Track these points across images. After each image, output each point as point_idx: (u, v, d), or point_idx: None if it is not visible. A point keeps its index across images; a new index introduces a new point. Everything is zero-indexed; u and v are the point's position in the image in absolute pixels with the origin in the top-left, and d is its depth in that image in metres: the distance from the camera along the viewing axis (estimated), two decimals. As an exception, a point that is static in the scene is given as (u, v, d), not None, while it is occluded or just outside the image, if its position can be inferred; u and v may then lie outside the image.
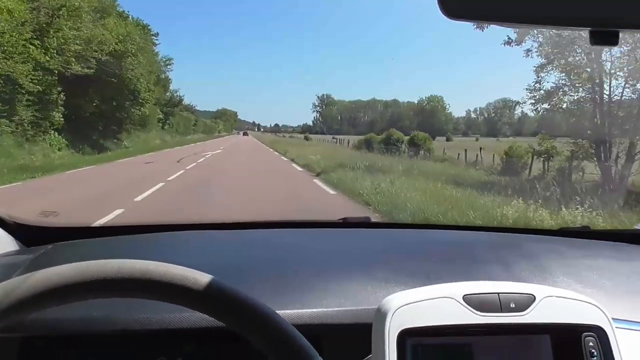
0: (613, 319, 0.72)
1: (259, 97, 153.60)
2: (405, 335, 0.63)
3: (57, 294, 0.53)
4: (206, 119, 77.76)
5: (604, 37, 0.50)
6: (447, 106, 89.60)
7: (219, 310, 0.56)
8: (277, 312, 0.68)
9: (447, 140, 58.70)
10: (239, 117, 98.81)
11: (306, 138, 55.66)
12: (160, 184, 10.44)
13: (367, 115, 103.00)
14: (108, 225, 1.62)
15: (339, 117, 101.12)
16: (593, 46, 0.51)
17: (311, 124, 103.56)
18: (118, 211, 7.18)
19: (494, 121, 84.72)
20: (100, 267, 0.54)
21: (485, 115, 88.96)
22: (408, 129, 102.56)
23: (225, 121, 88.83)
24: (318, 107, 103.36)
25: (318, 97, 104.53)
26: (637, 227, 1.50)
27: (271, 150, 29.18)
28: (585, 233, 1.48)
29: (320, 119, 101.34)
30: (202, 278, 0.56)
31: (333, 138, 57.02)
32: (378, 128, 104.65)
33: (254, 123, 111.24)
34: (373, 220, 1.71)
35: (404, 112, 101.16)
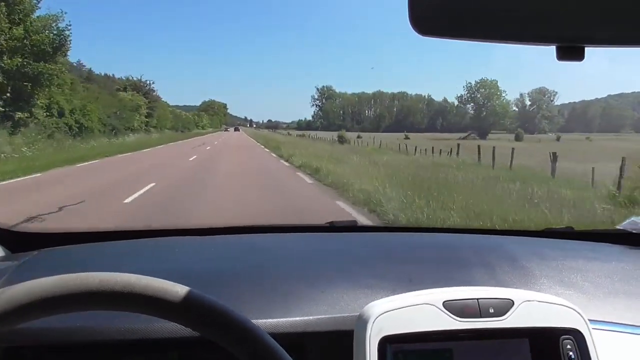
0: (592, 320, 0.73)
1: (250, 91, 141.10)
2: (387, 342, 0.65)
3: (38, 306, 0.53)
4: (192, 113, 66.54)
5: (570, 52, 0.52)
6: (504, 93, 69.15)
7: (198, 323, 0.57)
8: (259, 321, 0.74)
9: (517, 139, 43.84)
10: (229, 111, 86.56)
11: (342, 140, 35.11)
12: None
13: (372, 109, 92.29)
14: (93, 230, 1.37)
15: (342, 112, 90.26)
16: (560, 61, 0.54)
17: (311, 119, 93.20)
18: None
19: (531, 115, 70.66)
20: (83, 280, 0.55)
21: (519, 108, 74.63)
22: (419, 124, 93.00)
23: (212, 115, 76.69)
24: (317, 101, 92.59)
25: (318, 89, 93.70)
26: (619, 227, 1.44)
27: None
28: (569, 233, 1.50)
29: (321, 114, 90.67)
30: (182, 291, 0.56)
31: (358, 137, 42.39)
32: (386, 124, 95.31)
33: (245, 118, 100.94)
34: (360, 224, 1.62)
35: (413, 105, 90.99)
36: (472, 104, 67.16)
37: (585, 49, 0.52)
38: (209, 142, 31.68)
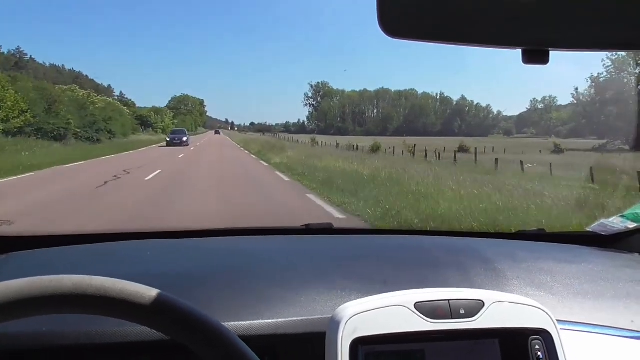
0: (561, 321, 0.75)
1: (230, 90, 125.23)
2: (358, 344, 0.65)
3: (9, 309, 0.52)
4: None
5: (536, 56, 0.53)
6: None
7: (170, 327, 0.56)
8: (230, 323, 0.75)
9: None
10: (207, 113, 71.05)
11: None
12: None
13: (377, 108, 78.99)
14: (65, 233, 1.31)
15: (342, 112, 76.74)
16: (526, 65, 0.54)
17: (305, 120, 79.59)
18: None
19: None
20: (56, 283, 0.54)
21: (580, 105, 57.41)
22: (433, 126, 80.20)
23: (185, 114, 58.92)
24: (312, 100, 79.04)
25: (312, 86, 79.98)
26: (589, 229, 1.49)
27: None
28: (540, 236, 1.51)
29: (316, 114, 77.17)
30: (156, 296, 0.56)
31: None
32: (393, 126, 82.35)
33: (227, 121, 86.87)
34: (336, 226, 1.59)
35: (424, 104, 78.07)
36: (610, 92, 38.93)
37: (551, 53, 0.53)
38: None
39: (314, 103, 79.26)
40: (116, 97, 53.23)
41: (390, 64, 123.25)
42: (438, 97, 78.86)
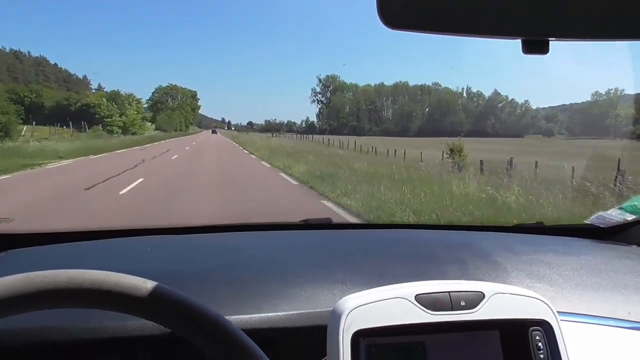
0: (561, 312, 0.75)
1: (226, 86, 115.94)
2: (359, 336, 0.65)
3: (5, 305, 0.52)
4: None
5: (536, 46, 0.54)
6: None
7: (170, 320, 0.56)
8: (232, 317, 0.75)
9: None
10: (200, 109, 61.20)
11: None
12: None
13: (396, 105, 69.56)
14: (63, 231, 1.30)
15: (357, 109, 67.37)
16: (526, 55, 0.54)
17: (315, 118, 70.32)
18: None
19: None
20: (51, 278, 0.54)
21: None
22: (461, 125, 70.77)
23: (173, 109, 49.00)
24: (320, 95, 69.74)
25: (320, 80, 70.66)
26: (587, 222, 1.48)
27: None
28: (539, 229, 1.51)
29: (327, 112, 67.87)
30: (153, 287, 0.56)
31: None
32: (417, 125, 73.23)
33: (223, 120, 77.80)
34: (334, 221, 1.62)
35: (452, 100, 68.81)
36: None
37: (551, 42, 0.53)
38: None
39: (323, 99, 70.15)
40: (93, 91, 43.90)
41: (409, 55, 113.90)
42: (465, 93, 69.55)
